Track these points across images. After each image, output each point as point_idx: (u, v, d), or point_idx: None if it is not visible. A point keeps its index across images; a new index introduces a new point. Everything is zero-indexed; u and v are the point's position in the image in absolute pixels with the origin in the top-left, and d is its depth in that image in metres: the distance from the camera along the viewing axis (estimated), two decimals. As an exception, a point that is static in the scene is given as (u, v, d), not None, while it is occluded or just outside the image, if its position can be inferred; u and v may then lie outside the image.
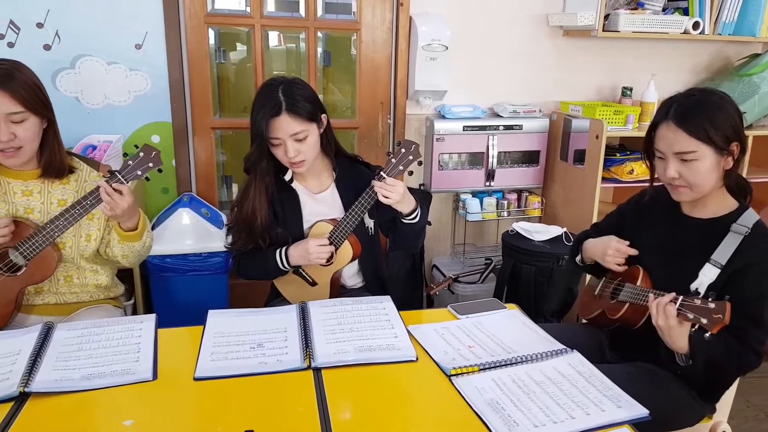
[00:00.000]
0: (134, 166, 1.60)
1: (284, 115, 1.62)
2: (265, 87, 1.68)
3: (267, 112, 1.62)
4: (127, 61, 2.55)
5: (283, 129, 1.63)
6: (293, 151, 1.65)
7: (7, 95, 1.50)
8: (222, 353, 1.35)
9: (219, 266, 2.42)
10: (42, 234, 1.58)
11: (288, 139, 1.64)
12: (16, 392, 1.17)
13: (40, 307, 1.71)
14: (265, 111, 1.62)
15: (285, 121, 1.62)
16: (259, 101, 1.65)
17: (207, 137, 2.75)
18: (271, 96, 1.63)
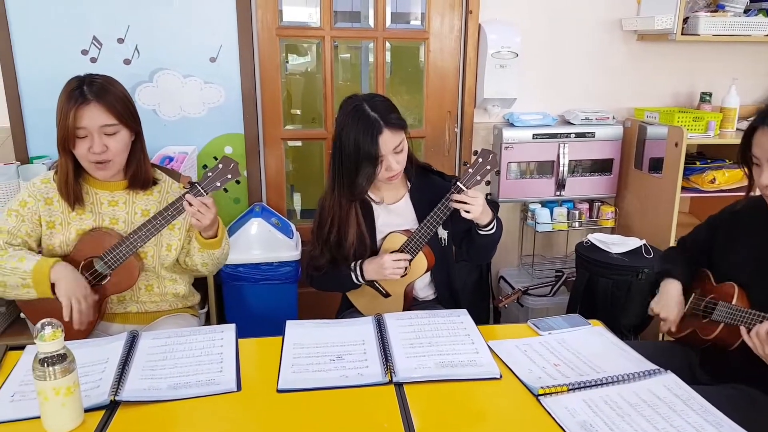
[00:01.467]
0: (213, 178, 1.63)
1: (386, 131, 1.60)
2: (351, 109, 1.64)
3: (370, 133, 1.59)
4: (202, 74, 2.62)
5: (385, 145, 1.61)
6: (396, 163, 1.65)
7: (102, 108, 1.56)
8: (303, 365, 1.34)
9: (289, 275, 2.43)
10: (126, 244, 1.62)
11: (390, 154, 1.63)
12: (107, 400, 1.20)
13: (121, 315, 1.76)
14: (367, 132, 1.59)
15: (387, 137, 1.61)
16: (353, 123, 1.61)
17: (277, 148, 2.79)
18: (365, 115, 1.61)
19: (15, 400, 1.22)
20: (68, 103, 1.55)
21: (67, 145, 1.58)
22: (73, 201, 1.65)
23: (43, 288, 1.54)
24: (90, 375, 1.29)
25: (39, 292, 1.55)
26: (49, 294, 1.55)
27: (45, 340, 1.08)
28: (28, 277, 1.53)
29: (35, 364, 1.08)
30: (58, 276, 1.54)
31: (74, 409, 1.12)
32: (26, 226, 1.63)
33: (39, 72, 2.51)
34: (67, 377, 1.09)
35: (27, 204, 1.65)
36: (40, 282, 1.54)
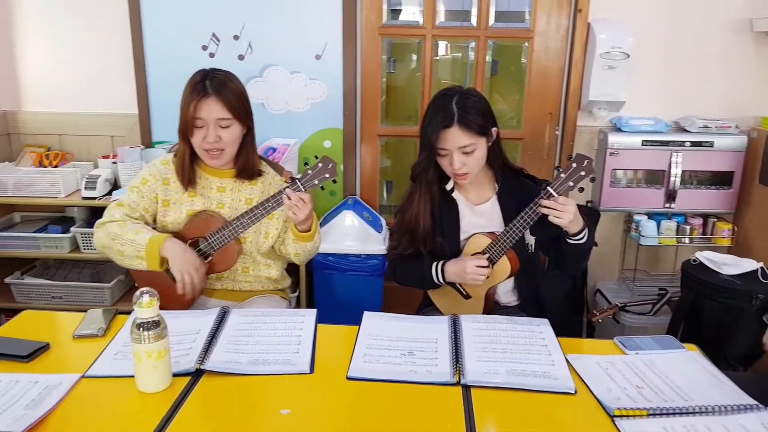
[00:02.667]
0: (312, 176, 1.70)
1: (455, 127, 1.61)
2: (440, 96, 1.67)
3: (438, 123, 1.62)
4: (307, 71, 2.73)
5: (451, 141, 1.62)
6: (459, 163, 1.64)
7: (220, 102, 1.68)
8: (374, 356, 1.37)
9: (376, 268, 2.49)
10: (229, 229, 1.74)
11: (455, 151, 1.63)
12: (193, 368, 1.29)
13: (219, 291, 1.89)
14: (437, 121, 1.62)
15: (455, 134, 1.61)
16: (432, 110, 1.66)
17: (373, 144, 2.85)
18: (445, 106, 1.63)
19: (117, 359, 1.36)
20: (191, 94, 1.69)
21: (186, 132, 1.72)
22: (187, 183, 1.79)
23: (153, 261, 1.68)
24: (182, 343, 1.40)
25: (149, 265, 1.69)
26: (158, 267, 1.69)
27: (142, 307, 1.19)
28: (141, 250, 1.68)
29: (133, 327, 1.19)
30: (169, 252, 1.68)
31: (163, 372, 1.23)
32: (144, 201, 1.79)
33: (164, 65, 2.74)
34: (158, 342, 1.20)
35: (147, 182, 1.81)
36: (152, 256, 1.68)
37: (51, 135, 2.87)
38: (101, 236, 1.75)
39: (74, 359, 1.37)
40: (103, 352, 1.39)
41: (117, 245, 1.70)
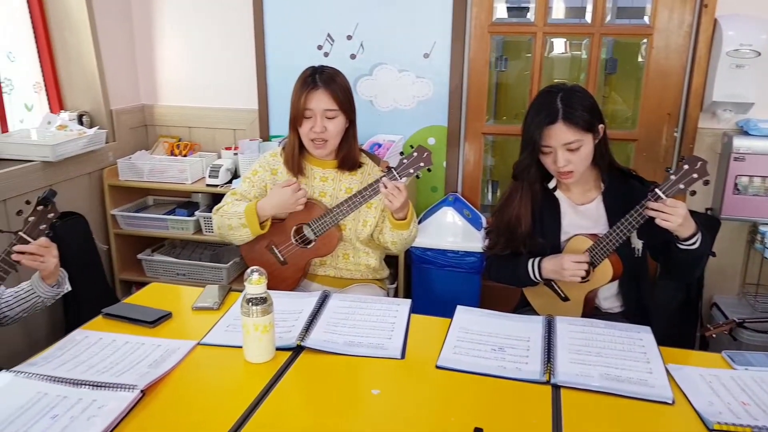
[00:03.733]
0: (408, 165, 1.76)
1: (559, 123, 1.59)
2: (544, 93, 1.66)
3: (542, 120, 1.60)
4: (415, 69, 2.79)
5: (555, 137, 1.60)
6: (563, 161, 1.61)
7: (328, 94, 1.80)
8: (464, 348, 1.40)
9: (474, 266, 2.50)
10: (330, 215, 1.84)
11: (559, 148, 1.61)
12: (294, 344, 1.40)
13: (321, 277, 2.00)
14: (541, 118, 1.61)
15: (559, 130, 1.59)
16: (535, 107, 1.65)
17: (477, 142, 2.86)
18: (549, 103, 1.61)
19: (228, 330, 1.49)
20: (302, 87, 1.82)
21: (296, 122, 1.85)
22: (296, 171, 1.92)
23: (253, 221, 1.83)
24: (286, 321, 1.51)
25: (251, 227, 1.84)
26: (258, 229, 1.84)
27: (252, 283, 1.30)
28: (242, 217, 1.84)
29: (243, 302, 1.31)
30: (263, 203, 1.84)
31: (268, 345, 1.34)
32: (254, 190, 1.95)
33: (282, 64, 2.92)
34: (265, 317, 1.31)
35: (257, 173, 1.96)
36: (250, 216, 1.83)
37: (182, 127, 3.16)
38: (216, 219, 1.93)
39: (192, 328, 1.52)
40: (216, 323, 1.53)
41: (226, 221, 1.88)
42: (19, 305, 1.58)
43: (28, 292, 1.58)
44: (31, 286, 1.58)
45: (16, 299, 1.58)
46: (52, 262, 1.51)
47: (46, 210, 1.47)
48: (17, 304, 1.58)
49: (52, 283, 1.58)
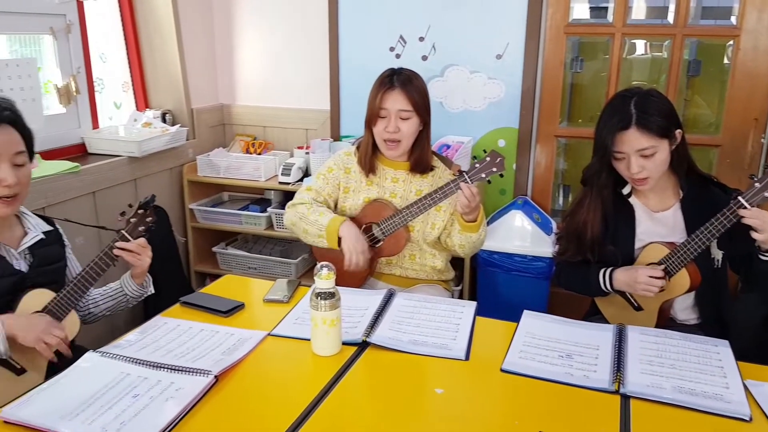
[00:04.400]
0: (480, 169, 1.76)
1: (633, 129, 1.54)
2: (618, 97, 1.62)
3: (615, 124, 1.57)
4: (487, 70, 2.77)
5: (629, 143, 1.56)
6: (636, 167, 1.57)
7: (403, 95, 1.83)
8: (530, 353, 1.39)
9: (542, 271, 2.45)
10: (399, 216, 1.86)
11: (633, 154, 1.56)
12: (360, 340, 1.42)
13: (387, 276, 2.03)
14: (613, 123, 1.57)
15: (632, 136, 1.55)
16: (608, 111, 1.61)
17: (549, 145, 2.80)
18: (622, 107, 1.57)
19: (297, 323, 1.54)
20: (379, 87, 1.86)
21: (371, 122, 1.89)
22: (368, 170, 1.95)
23: (332, 240, 1.87)
24: (352, 317, 1.54)
25: (329, 243, 1.88)
26: (335, 246, 1.88)
27: (321, 278, 1.34)
28: (323, 230, 1.88)
29: (312, 296, 1.35)
30: (344, 233, 1.85)
31: (335, 339, 1.37)
32: (329, 188, 2.00)
33: (355, 64, 2.97)
34: (332, 311, 1.34)
35: (332, 170, 2.01)
36: (331, 235, 1.87)
37: (257, 126, 3.28)
38: (291, 215, 1.98)
39: (263, 319, 1.58)
40: (286, 316, 1.59)
41: (303, 224, 1.92)
42: (105, 303, 1.70)
43: (116, 290, 1.70)
44: (120, 285, 1.69)
45: (103, 297, 1.70)
46: (146, 262, 1.61)
47: (145, 213, 1.58)
48: (103, 301, 1.70)
49: (140, 283, 1.68)
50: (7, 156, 1.42)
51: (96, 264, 1.52)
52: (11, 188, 1.42)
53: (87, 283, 1.52)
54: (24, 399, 1.18)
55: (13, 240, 1.52)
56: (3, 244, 1.49)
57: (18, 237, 1.54)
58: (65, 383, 1.24)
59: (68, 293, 1.50)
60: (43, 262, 1.56)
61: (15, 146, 1.44)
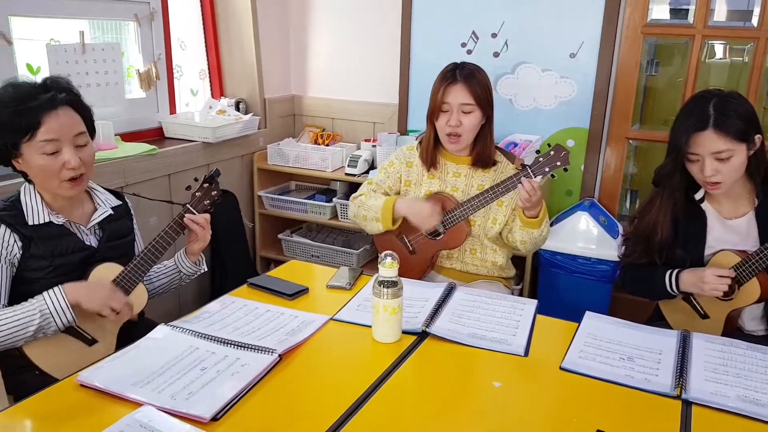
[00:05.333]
0: (543, 163, 1.75)
1: (709, 130, 1.50)
2: (696, 98, 1.58)
3: (691, 125, 1.53)
4: (559, 69, 2.73)
5: (704, 145, 1.51)
6: (710, 170, 1.52)
7: (465, 89, 1.84)
8: (591, 353, 1.37)
9: (605, 274, 2.40)
10: (461, 209, 1.88)
11: (708, 156, 1.52)
12: (420, 329, 1.45)
13: (447, 270, 2.04)
14: (690, 123, 1.53)
15: (709, 138, 1.50)
16: (685, 112, 1.57)
17: (620, 147, 2.73)
18: (700, 108, 1.53)
19: (358, 310, 1.58)
20: (441, 81, 1.88)
21: (433, 116, 1.90)
22: (429, 165, 1.98)
23: (386, 219, 1.92)
24: (412, 307, 1.57)
25: (383, 223, 1.93)
26: (390, 225, 1.92)
27: (385, 267, 1.37)
28: (378, 212, 1.92)
29: (375, 283, 1.39)
30: (400, 205, 1.91)
31: (395, 327, 1.41)
32: (389, 181, 2.04)
33: (425, 59, 2.98)
34: (394, 300, 1.37)
35: (393, 164, 2.05)
36: (385, 213, 1.92)
37: (326, 118, 3.35)
38: (352, 207, 2.04)
39: (325, 304, 1.63)
40: (348, 302, 1.63)
41: (362, 211, 1.98)
42: (159, 279, 1.74)
43: (170, 268, 1.74)
44: (175, 263, 1.74)
45: (158, 275, 1.74)
46: (207, 237, 1.66)
47: (210, 188, 1.60)
48: (157, 278, 1.74)
49: (195, 261, 1.72)
50: (69, 138, 1.45)
51: (162, 237, 1.56)
52: (76, 170, 1.45)
53: (154, 255, 1.55)
54: (98, 365, 1.25)
55: (84, 217, 1.58)
56: (73, 222, 1.54)
57: (88, 213, 1.59)
58: (137, 353, 1.31)
59: (136, 266, 1.54)
60: (113, 237, 1.61)
61: (75, 128, 1.47)
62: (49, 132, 1.42)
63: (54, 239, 1.50)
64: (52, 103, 1.43)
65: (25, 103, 1.41)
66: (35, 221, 1.48)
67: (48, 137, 1.42)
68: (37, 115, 1.41)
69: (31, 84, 1.47)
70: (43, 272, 1.48)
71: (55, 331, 1.43)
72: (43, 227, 1.49)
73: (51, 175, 1.45)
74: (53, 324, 1.41)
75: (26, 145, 1.42)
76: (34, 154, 1.43)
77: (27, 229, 1.47)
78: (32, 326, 1.39)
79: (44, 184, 1.48)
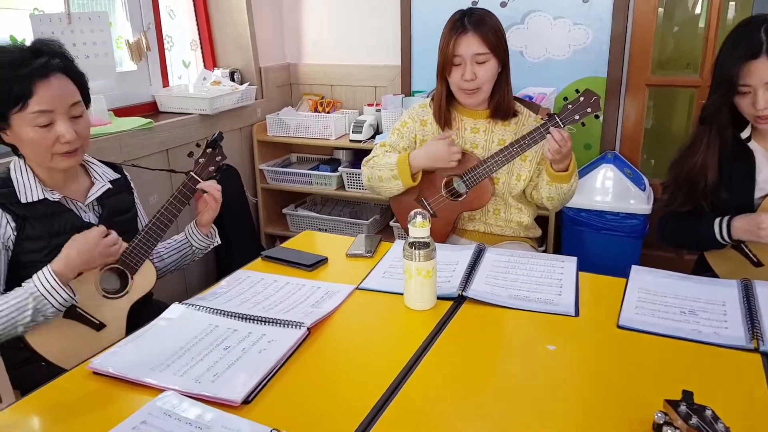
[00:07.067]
0: (573, 110, 1.61)
1: (763, 57, 1.37)
2: (743, 25, 1.44)
3: (741, 54, 1.39)
4: (572, 16, 2.58)
5: (757, 75, 1.38)
6: (764, 101, 1.39)
7: (478, 37, 1.68)
8: (647, 309, 1.26)
9: (635, 229, 2.28)
10: (483, 167, 1.74)
11: (761, 87, 1.39)
12: (455, 294, 1.33)
13: (470, 232, 1.92)
14: (739, 52, 1.39)
15: (762, 66, 1.37)
16: (732, 40, 1.44)
17: (640, 95, 2.59)
18: (750, 35, 1.39)
19: (385, 277, 1.46)
20: (450, 32, 1.71)
21: (444, 70, 1.75)
22: (443, 123, 1.83)
23: (404, 172, 1.77)
24: (443, 272, 1.44)
25: (403, 181, 1.79)
26: (410, 181, 1.78)
27: (416, 227, 1.24)
28: (394, 168, 1.79)
29: (405, 245, 1.26)
30: (416, 152, 1.79)
31: (429, 292, 1.28)
32: (403, 142, 1.89)
33: (427, 15, 2.82)
34: (427, 262, 1.25)
35: (407, 124, 1.90)
36: (403, 168, 1.78)
37: (324, 85, 3.19)
38: (366, 170, 1.90)
39: (348, 273, 1.50)
40: (372, 269, 1.50)
41: (377, 172, 1.84)
42: (169, 256, 1.62)
43: (180, 242, 1.62)
44: (185, 236, 1.62)
45: (168, 250, 1.62)
46: (218, 207, 1.54)
47: (214, 153, 1.49)
48: (168, 254, 1.62)
49: (206, 233, 1.61)
50: (63, 109, 1.33)
51: (167, 209, 1.44)
52: (71, 144, 1.34)
53: (160, 230, 1.44)
54: (111, 350, 1.14)
55: (80, 192, 1.46)
56: (69, 198, 1.43)
57: (85, 188, 1.48)
58: (152, 335, 1.20)
59: (141, 241, 1.42)
60: (113, 213, 1.50)
61: (70, 97, 1.35)
62: (42, 102, 1.29)
63: (50, 217, 1.38)
64: (44, 70, 1.30)
65: (16, 69, 1.27)
66: (28, 199, 1.36)
67: (41, 108, 1.30)
68: (29, 83, 1.28)
69: (19, 48, 1.33)
70: (40, 254, 1.35)
71: (54, 313, 1.31)
72: (37, 205, 1.37)
73: (44, 149, 1.33)
74: (49, 305, 1.29)
75: (16, 116, 1.29)
76: (24, 125, 1.30)
77: (20, 208, 1.35)
78: (27, 311, 1.27)
79: (36, 158, 1.36)
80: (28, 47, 1.33)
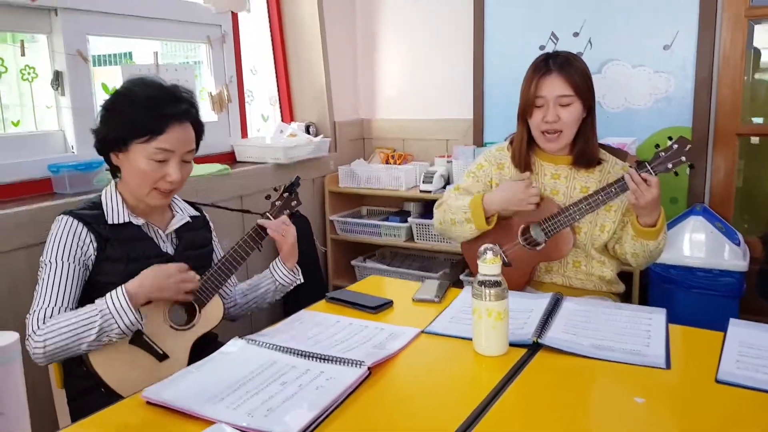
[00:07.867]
0: (665, 158, 1.51)
1: None
2: None
3: None
4: (652, 63, 2.49)
5: None
6: None
7: (562, 79, 1.63)
8: (750, 363, 1.11)
9: (731, 288, 2.07)
10: (565, 214, 1.63)
11: None
12: (530, 341, 1.23)
13: (548, 284, 1.79)
14: None
15: None
16: None
17: (730, 144, 2.43)
18: None
19: (452, 322, 1.38)
20: (533, 73, 1.67)
21: (525, 113, 1.70)
22: (523, 167, 1.76)
23: (479, 217, 1.70)
24: (517, 319, 1.34)
25: (476, 224, 1.71)
26: (484, 225, 1.70)
27: (486, 263, 1.17)
28: (468, 210, 1.72)
29: (475, 284, 1.18)
30: (489, 198, 1.70)
31: (501, 336, 1.19)
32: (479, 185, 1.82)
33: (500, 68, 2.82)
34: (499, 302, 1.16)
35: (482, 167, 1.84)
36: (477, 211, 1.70)
37: (396, 139, 3.22)
38: (437, 214, 1.84)
39: (414, 317, 1.43)
40: (440, 314, 1.43)
41: (449, 215, 1.77)
42: (252, 293, 1.65)
43: (264, 277, 1.65)
44: (270, 272, 1.64)
45: (251, 287, 1.66)
46: (291, 238, 1.57)
47: (290, 197, 1.55)
48: (251, 291, 1.65)
49: (291, 267, 1.63)
50: (180, 154, 1.42)
51: (240, 246, 1.49)
52: (173, 184, 1.42)
53: (231, 266, 1.49)
54: (167, 381, 1.12)
55: (163, 223, 1.53)
56: (152, 224, 1.49)
57: (167, 220, 1.54)
58: (210, 367, 1.17)
59: (212, 276, 1.46)
60: (189, 246, 1.55)
61: (189, 144, 1.45)
62: (167, 142, 1.38)
63: (131, 242, 1.44)
64: (183, 116, 1.41)
65: (160, 107, 1.38)
66: (115, 221, 1.43)
67: (165, 146, 1.38)
68: (165, 124, 1.37)
69: (158, 84, 1.44)
70: (116, 277, 1.38)
71: (119, 334, 1.32)
72: (121, 228, 1.43)
73: (149, 182, 1.41)
74: (115, 325, 1.30)
75: (139, 145, 1.38)
76: (141, 155, 1.39)
77: (106, 229, 1.41)
78: (93, 329, 1.29)
79: (136, 187, 1.43)
80: (167, 87, 1.44)
